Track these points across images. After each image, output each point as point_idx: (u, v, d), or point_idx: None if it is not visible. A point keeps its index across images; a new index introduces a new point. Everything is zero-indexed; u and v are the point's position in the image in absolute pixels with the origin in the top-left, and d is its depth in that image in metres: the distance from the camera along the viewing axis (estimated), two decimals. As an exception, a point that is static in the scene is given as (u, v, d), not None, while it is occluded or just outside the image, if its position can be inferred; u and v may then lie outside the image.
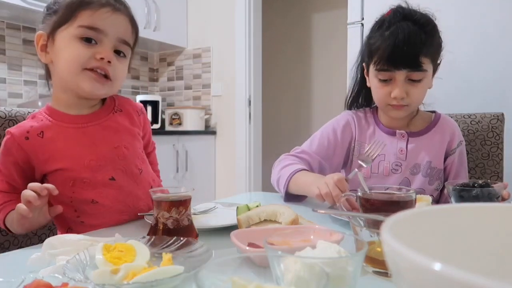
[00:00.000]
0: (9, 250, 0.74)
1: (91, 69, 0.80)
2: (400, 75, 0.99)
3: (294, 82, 3.81)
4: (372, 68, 1.04)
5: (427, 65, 0.99)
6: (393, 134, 1.11)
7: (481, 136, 1.27)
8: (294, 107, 3.82)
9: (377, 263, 0.53)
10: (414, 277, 0.24)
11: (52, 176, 0.83)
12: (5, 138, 0.82)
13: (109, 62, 0.81)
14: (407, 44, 0.95)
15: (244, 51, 2.91)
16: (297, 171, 1.04)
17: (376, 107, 1.17)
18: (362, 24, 1.78)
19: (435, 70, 1.06)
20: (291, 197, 1.07)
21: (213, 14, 3.02)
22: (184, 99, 3.26)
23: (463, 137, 1.17)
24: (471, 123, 1.28)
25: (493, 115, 1.26)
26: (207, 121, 3.10)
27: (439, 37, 1.04)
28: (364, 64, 1.12)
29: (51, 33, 0.82)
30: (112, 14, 0.81)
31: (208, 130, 3.08)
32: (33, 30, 2.52)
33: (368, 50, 1.05)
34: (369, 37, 1.06)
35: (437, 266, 0.22)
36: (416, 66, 0.97)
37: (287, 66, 3.84)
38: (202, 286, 0.35)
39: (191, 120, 2.91)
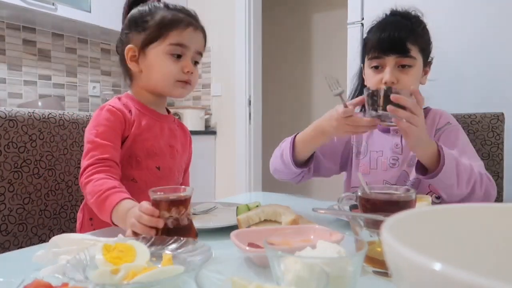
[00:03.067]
0: (9, 250, 0.74)
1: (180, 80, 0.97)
2: (390, 60, 1.03)
3: (294, 82, 3.80)
4: (366, 60, 1.09)
5: (416, 53, 1.04)
6: (387, 131, 1.15)
7: (481, 136, 1.26)
8: (294, 107, 3.82)
9: (377, 263, 0.53)
10: (414, 277, 0.24)
11: None
12: (104, 111, 0.92)
13: (192, 72, 0.97)
14: (394, 30, 1.03)
15: (244, 51, 2.91)
16: (296, 134, 1.09)
17: None
18: (362, 24, 1.78)
19: (425, 63, 1.09)
20: (301, 165, 1.09)
21: (213, 14, 3.02)
22: (184, 99, 3.25)
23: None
24: (471, 123, 1.27)
25: (493, 115, 1.26)
26: (207, 121, 3.10)
27: (427, 29, 1.10)
28: (362, 65, 1.16)
29: (142, 48, 0.95)
30: (194, 32, 0.97)
31: (208, 130, 3.07)
32: (33, 30, 2.52)
33: (363, 47, 1.13)
34: (364, 38, 1.14)
35: (437, 266, 0.22)
36: (404, 51, 1.02)
37: (287, 66, 3.84)
38: (202, 286, 0.35)
39: (191, 120, 2.91)
